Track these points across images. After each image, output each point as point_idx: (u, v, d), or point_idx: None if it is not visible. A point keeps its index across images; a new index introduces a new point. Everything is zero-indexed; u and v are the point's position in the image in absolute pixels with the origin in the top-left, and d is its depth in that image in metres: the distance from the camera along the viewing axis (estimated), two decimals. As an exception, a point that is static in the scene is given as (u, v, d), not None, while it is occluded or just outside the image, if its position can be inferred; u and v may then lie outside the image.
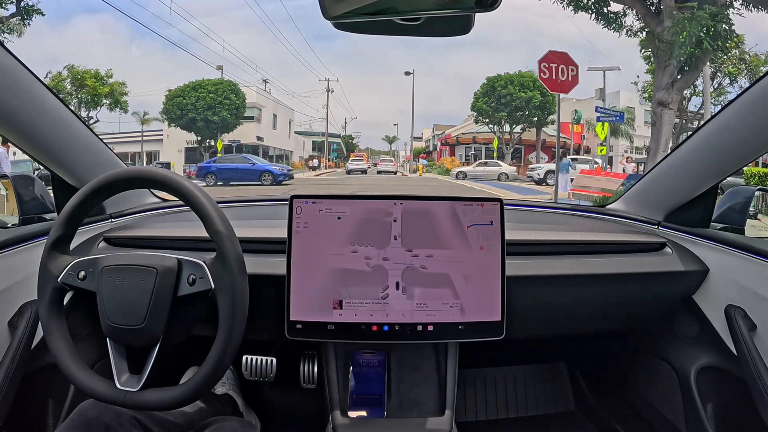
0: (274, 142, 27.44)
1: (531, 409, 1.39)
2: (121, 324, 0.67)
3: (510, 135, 23.90)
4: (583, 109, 22.65)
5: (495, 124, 23.61)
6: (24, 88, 0.77)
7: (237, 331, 0.66)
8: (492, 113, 22.89)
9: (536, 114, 22.43)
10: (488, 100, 22.77)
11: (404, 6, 0.45)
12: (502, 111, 22.52)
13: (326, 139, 33.77)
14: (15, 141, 0.83)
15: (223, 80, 21.81)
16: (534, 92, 21.83)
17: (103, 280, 0.68)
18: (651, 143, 9.36)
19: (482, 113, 23.29)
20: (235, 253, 0.68)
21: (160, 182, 0.70)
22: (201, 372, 0.66)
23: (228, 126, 21.12)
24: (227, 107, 20.85)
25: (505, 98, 22.21)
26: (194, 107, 20.55)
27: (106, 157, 1.00)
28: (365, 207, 0.82)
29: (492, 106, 22.67)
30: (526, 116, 22.83)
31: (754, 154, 0.89)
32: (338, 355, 0.92)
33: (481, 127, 26.45)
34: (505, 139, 23.77)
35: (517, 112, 22.47)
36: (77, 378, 0.67)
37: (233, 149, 22.26)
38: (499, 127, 23.62)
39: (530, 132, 23.62)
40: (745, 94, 0.83)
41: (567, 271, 0.93)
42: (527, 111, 22.44)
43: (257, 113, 25.03)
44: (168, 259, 0.69)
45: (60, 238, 0.71)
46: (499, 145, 23.41)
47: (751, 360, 0.86)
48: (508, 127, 23.60)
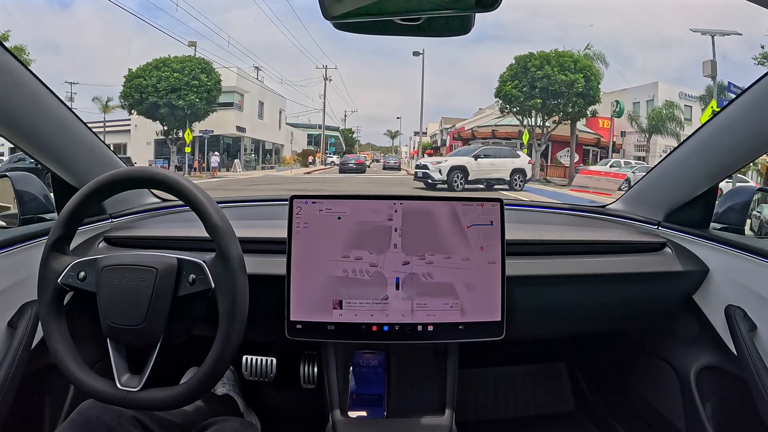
0: (260, 133, 23.48)
1: (531, 409, 1.39)
2: (121, 324, 0.67)
3: (542, 129, 18.68)
4: (638, 97, 20.52)
5: (524, 114, 18.58)
6: (24, 88, 0.77)
7: (237, 331, 0.66)
8: (523, 100, 17.83)
9: (577, 103, 17.71)
10: (519, 84, 17.75)
11: (404, 6, 0.45)
12: (537, 97, 17.48)
13: (323, 132, 30.57)
14: (15, 141, 0.83)
15: (192, 57, 17.54)
16: (576, 75, 17.27)
17: (102, 280, 0.68)
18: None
19: (510, 100, 18.24)
20: (236, 253, 0.68)
21: (159, 182, 0.70)
22: (201, 372, 0.66)
23: (198, 113, 17.21)
24: (195, 90, 16.76)
25: (541, 81, 17.32)
26: (155, 89, 16.53)
27: (106, 157, 1.00)
28: (365, 207, 0.82)
29: (524, 91, 17.68)
30: (564, 105, 17.92)
31: (754, 154, 0.89)
32: (338, 355, 0.92)
33: (500, 119, 22.00)
34: (536, 134, 18.60)
35: (554, 99, 17.68)
36: (77, 378, 0.67)
37: (205, 141, 19.23)
38: (529, 118, 18.62)
39: (562, 126, 18.97)
40: (745, 94, 0.83)
41: (567, 271, 0.93)
42: (566, 99, 17.64)
43: (238, 99, 21.20)
44: (168, 258, 0.69)
45: (60, 238, 0.71)
46: (530, 140, 18.34)
47: (751, 360, 0.86)
48: (538, 119, 18.69)
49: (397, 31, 0.50)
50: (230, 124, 20.63)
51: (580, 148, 20.19)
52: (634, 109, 21.04)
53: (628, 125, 20.76)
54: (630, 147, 21.61)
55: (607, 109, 19.15)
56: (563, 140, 19.50)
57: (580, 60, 17.65)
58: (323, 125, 30.55)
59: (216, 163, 18.95)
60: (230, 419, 0.81)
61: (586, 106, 18.21)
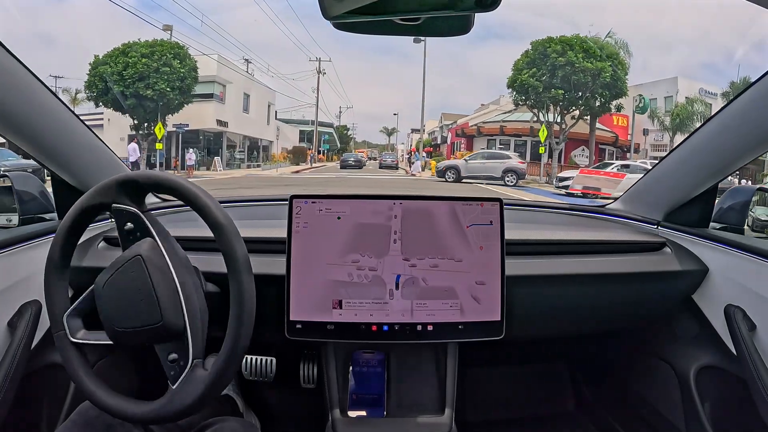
0: (246, 128, 20.77)
1: (531, 409, 1.39)
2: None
3: (561, 125, 16.32)
4: (655, 93, 18.73)
5: (541, 108, 16.17)
6: (24, 89, 0.77)
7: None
8: (542, 91, 15.39)
9: (603, 95, 15.58)
10: (537, 72, 15.40)
11: (403, 6, 0.45)
12: (558, 87, 15.20)
13: (316, 128, 27.88)
14: (15, 141, 0.83)
15: (163, 41, 15.12)
16: (603, 63, 15.11)
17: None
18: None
19: (526, 91, 15.77)
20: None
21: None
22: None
23: (170, 104, 14.98)
24: (166, 77, 14.52)
25: (563, 69, 15.03)
26: (121, 78, 14.36)
27: (106, 158, 1.00)
28: (365, 207, 0.82)
29: (543, 80, 15.37)
30: (587, 98, 15.56)
31: (754, 153, 0.89)
32: (338, 354, 0.92)
33: (508, 115, 20.13)
34: (554, 131, 16.32)
35: (576, 90, 15.42)
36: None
37: (179, 136, 16.58)
38: (545, 112, 16.28)
39: (577, 123, 16.99)
40: (745, 94, 0.83)
41: (567, 271, 0.93)
42: (591, 90, 15.30)
43: (219, 90, 18.73)
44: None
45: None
46: (548, 137, 15.93)
47: (751, 360, 0.86)
48: (556, 114, 16.23)
49: (396, 31, 0.50)
50: (210, 118, 18.25)
51: (596, 148, 18.55)
52: (652, 106, 19.47)
53: (649, 123, 19.21)
54: (645, 146, 20.34)
55: (628, 105, 17.72)
56: (579, 138, 17.80)
57: (606, 47, 15.61)
58: (316, 121, 28.25)
59: (192, 161, 16.69)
60: (230, 419, 0.81)
61: (612, 99, 16.04)
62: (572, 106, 16.14)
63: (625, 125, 19.61)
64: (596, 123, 17.41)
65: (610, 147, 20.05)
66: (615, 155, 19.42)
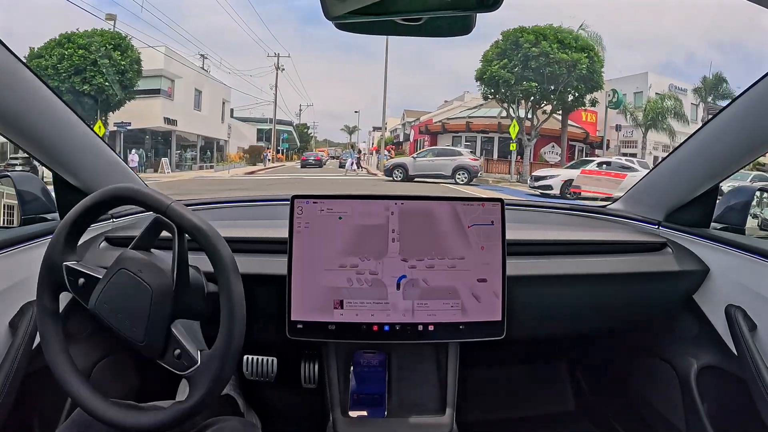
0: (197, 127, 18.99)
1: (531, 409, 1.39)
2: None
3: (532, 120, 15.57)
4: (625, 89, 17.92)
5: (512, 102, 15.22)
6: (26, 89, 0.77)
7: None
8: (514, 83, 14.47)
9: (578, 88, 14.82)
10: (508, 64, 14.50)
11: (405, 6, 0.45)
12: (531, 79, 14.38)
13: (274, 126, 26.42)
14: (17, 142, 0.83)
15: (103, 31, 13.66)
16: (579, 54, 14.31)
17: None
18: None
19: (497, 84, 14.77)
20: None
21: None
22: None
23: (110, 101, 13.59)
24: (105, 71, 13.10)
25: (537, 60, 14.24)
26: (56, 71, 12.93)
27: (107, 158, 1.00)
28: (367, 207, 0.82)
29: (515, 72, 14.46)
30: (561, 92, 14.75)
31: (755, 154, 0.89)
32: (339, 355, 0.92)
33: (474, 111, 19.19)
34: (525, 127, 15.43)
35: (550, 83, 14.63)
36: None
37: (121, 136, 14.93)
38: (516, 107, 15.36)
39: (552, 117, 16.14)
40: (745, 95, 0.83)
41: (567, 271, 0.93)
42: (566, 83, 14.41)
43: (167, 85, 17.21)
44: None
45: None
46: (519, 134, 14.97)
47: (751, 360, 0.86)
48: (528, 109, 15.37)
49: (398, 32, 0.50)
50: (157, 116, 16.63)
51: (567, 144, 17.67)
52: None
53: (619, 118, 18.51)
54: (615, 143, 19.56)
55: (602, 99, 16.94)
56: (549, 134, 16.97)
57: (580, 38, 14.88)
58: (274, 119, 26.71)
59: (135, 162, 15.11)
60: (230, 419, 0.81)
61: (587, 93, 15.31)
62: (545, 100, 15.34)
63: (593, 121, 18.99)
64: (568, 119, 16.62)
65: (580, 143, 19.46)
66: (585, 152, 19.04)
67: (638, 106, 18.24)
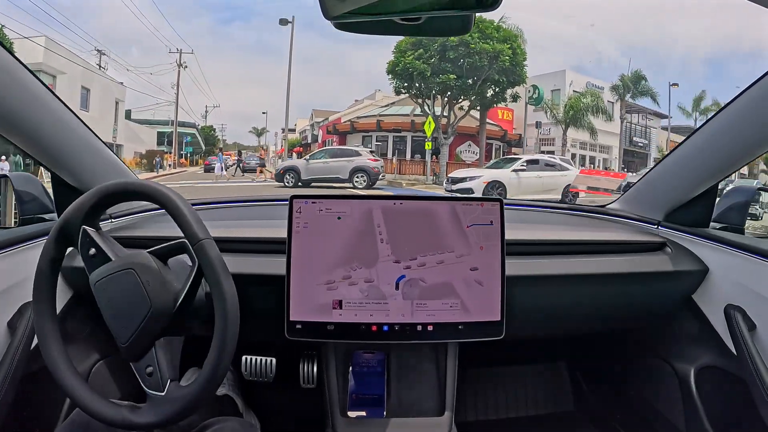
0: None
1: (531, 409, 1.39)
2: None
3: (449, 117, 14.41)
4: (542, 86, 17.49)
5: (426, 97, 14.04)
6: (25, 90, 0.77)
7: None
8: (431, 75, 13.19)
9: (500, 82, 13.76)
10: (424, 54, 13.26)
11: (405, 6, 0.45)
12: (449, 71, 13.20)
13: (176, 128, 23.70)
14: (15, 141, 0.83)
15: None
16: (502, 45, 13.27)
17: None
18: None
19: (411, 77, 13.47)
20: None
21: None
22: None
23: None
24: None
25: (456, 51, 13.06)
26: None
27: (106, 158, 1.00)
28: (366, 207, 0.82)
29: (431, 63, 13.22)
30: (481, 86, 13.58)
31: (754, 153, 0.89)
32: (338, 355, 0.92)
33: (385, 109, 18.04)
34: (442, 125, 14.17)
35: (470, 76, 13.44)
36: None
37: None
38: (430, 101, 14.20)
39: (468, 115, 15.15)
40: (744, 94, 0.83)
41: (567, 271, 0.93)
42: (487, 76, 13.27)
43: (48, 82, 10.61)
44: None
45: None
46: (435, 133, 13.72)
47: (751, 360, 0.86)
48: (444, 105, 14.22)
49: (397, 31, 0.50)
50: None
51: (485, 143, 16.71)
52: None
53: (539, 116, 17.96)
54: (532, 141, 18.83)
55: (523, 96, 16.42)
56: (467, 132, 16.13)
57: (502, 28, 13.73)
58: (176, 121, 23.81)
59: (5, 171, 12.40)
60: (230, 419, 0.81)
61: (509, 87, 14.22)
62: (462, 95, 14.15)
63: (510, 119, 18.37)
64: (486, 115, 15.58)
65: (497, 142, 18.77)
66: (502, 150, 18.49)
67: (556, 103, 17.86)
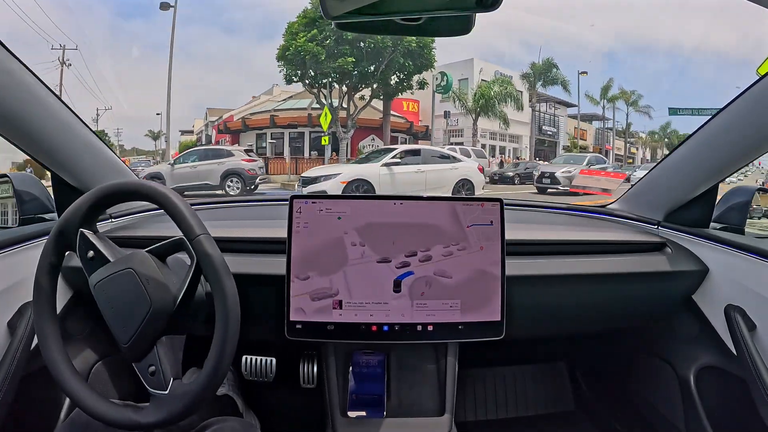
0: None
1: (531, 409, 1.39)
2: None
3: (348, 109, 12.71)
4: (454, 75, 16.64)
5: (322, 85, 12.24)
6: (25, 90, 0.77)
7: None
8: (326, 59, 11.41)
9: (406, 67, 12.06)
10: (318, 36, 11.44)
11: (405, 6, 0.45)
12: (347, 54, 11.46)
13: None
14: (16, 141, 0.83)
15: None
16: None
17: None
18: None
19: (303, 62, 11.60)
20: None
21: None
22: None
23: None
24: None
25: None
26: None
27: (107, 158, 1.00)
28: (366, 207, 0.82)
29: (326, 45, 11.45)
30: (384, 71, 11.96)
31: (754, 153, 0.89)
32: (338, 355, 0.92)
33: (281, 104, 16.54)
34: (341, 119, 12.40)
35: (372, 61, 11.81)
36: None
37: None
38: (327, 91, 12.41)
39: (370, 107, 13.56)
40: (745, 94, 0.83)
41: (567, 271, 0.93)
42: (390, 60, 11.63)
43: None
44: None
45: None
46: (332, 125, 11.88)
47: (751, 360, 0.86)
48: (343, 95, 12.55)
49: (397, 31, 0.50)
50: None
51: (390, 136, 15.26)
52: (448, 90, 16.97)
53: (448, 106, 16.95)
54: (440, 133, 17.87)
55: (430, 84, 15.06)
56: (369, 126, 14.62)
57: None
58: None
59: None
60: (230, 419, 0.81)
61: (416, 73, 12.55)
62: (363, 83, 12.43)
63: (416, 111, 17.34)
64: (390, 106, 13.96)
65: (403, 134, 17.39)
66: (408, 143, 16.71)
67: (464, 92, 17.11)
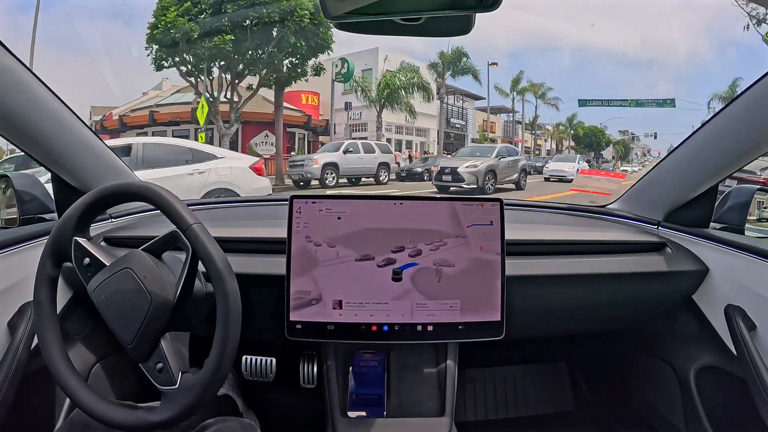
0: None
1: (531, 409, 1.39)
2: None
3: (231, 101, 10.76)
4: (357, 65, 15.28)
5: (200, 71, 10.47)
6: (25, 90, 0.77)
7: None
8: (199, 37, 9.69)
9: (297, 48, 10.20)
10: (192, 9, 9.73)
11: (405, 6, 0.45)
12: (226, 31, 9.75)
13: None
14: (16, 141, 0.83)
15: None
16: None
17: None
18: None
19: (174, 42, 9.81)
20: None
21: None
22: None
23: None
24: None
25: (235, 3, 9.67)
26: None
27: (107, 158, 1.00)
28: (365, 207, 0.82)
29: (201, 20, 9.74)
30: (272, 54, 10.25)
31: (755, 153, 0.89)
32: (338, 355, 0.92)
33: (164, 99, 15.07)
34: (222, 112, 10.56)
35: (256, 40, 10.13)
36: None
37: None
38: (204, 77, 10.53)
39: (256, 99, 11.71)
40: (745, 94, 0.83)
41: (567, 271, 0.93)
42: (280, 40, 10.00)
43: None
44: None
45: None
46: (211, 119, 10.30)
47: (751, 360, 0.86)
48: (225, 83, 10.74)
49: (398, 32, 0.50)
50: None
51: (284, 132, 13.29)
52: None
53: (352, 98, 15.71)
54: (341, 127, 16.58)
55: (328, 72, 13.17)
56: (260, 120, 13.11)
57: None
58: None
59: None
60: (229, 419, 0.81)
61: (310, 56, 10.68)
62: (249, 68, 10.65)
63: (316, 104, 16.03)
64: (283, 97, 11.78)
65: (300, 130, 15.99)
66: (306, 139, 16.09)
67: (367, 83, 15.85)
